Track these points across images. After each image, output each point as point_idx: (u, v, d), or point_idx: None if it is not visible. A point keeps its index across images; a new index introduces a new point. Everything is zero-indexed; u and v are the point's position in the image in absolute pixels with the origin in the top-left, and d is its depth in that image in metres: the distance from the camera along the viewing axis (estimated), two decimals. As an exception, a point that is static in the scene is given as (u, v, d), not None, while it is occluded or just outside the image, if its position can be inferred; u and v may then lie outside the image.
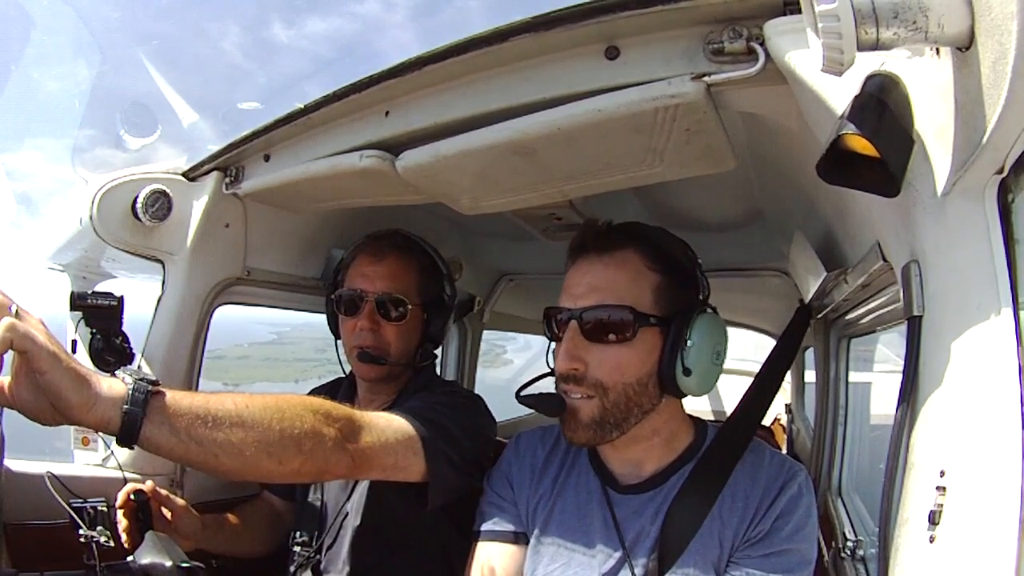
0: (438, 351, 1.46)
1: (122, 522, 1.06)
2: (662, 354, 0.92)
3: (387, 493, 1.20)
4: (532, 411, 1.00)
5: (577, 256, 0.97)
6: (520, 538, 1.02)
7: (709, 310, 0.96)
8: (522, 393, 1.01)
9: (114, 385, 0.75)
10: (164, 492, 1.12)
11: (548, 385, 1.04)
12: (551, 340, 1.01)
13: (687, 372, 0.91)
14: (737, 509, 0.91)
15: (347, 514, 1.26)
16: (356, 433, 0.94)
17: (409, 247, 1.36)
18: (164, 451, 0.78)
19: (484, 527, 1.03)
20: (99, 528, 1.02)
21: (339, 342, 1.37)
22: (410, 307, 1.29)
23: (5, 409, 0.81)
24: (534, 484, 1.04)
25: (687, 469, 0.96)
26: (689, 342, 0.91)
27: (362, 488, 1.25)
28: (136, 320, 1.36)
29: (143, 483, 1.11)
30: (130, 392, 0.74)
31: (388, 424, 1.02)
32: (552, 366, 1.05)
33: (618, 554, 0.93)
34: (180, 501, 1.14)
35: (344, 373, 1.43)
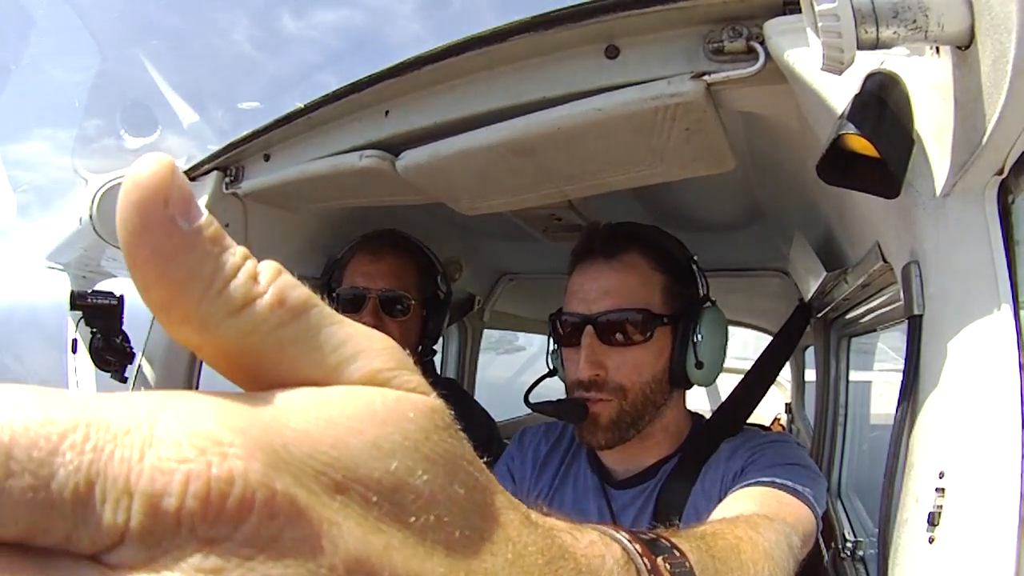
0: (437, 347, 1.47)
1: None
2: (673, 350, 0.93)
3: None
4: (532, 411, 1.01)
5: (583, 260, 0.98)
6: None
7: (710, 304, 0.98)
8: (530, 397, 1.02)
9: None
10: None
11: (550, 385, 1.04)
12: (559, 344, 1.01)
13: (699, 365, 0.93)
14: (718, 476, 0.92)
15: None
16: None
17: (406, 245, 1.37)
18: None
19: None
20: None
21: None
22: (412, 304, 1.30)
23: None
24: (535, 478, 1.05)
25: (678, 456, 0.97)
26: (699, 336, 0.93)
27: None
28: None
29: None
30: None
31: None
32: (552, 366, 1.06)
33: None
34: None
35: None
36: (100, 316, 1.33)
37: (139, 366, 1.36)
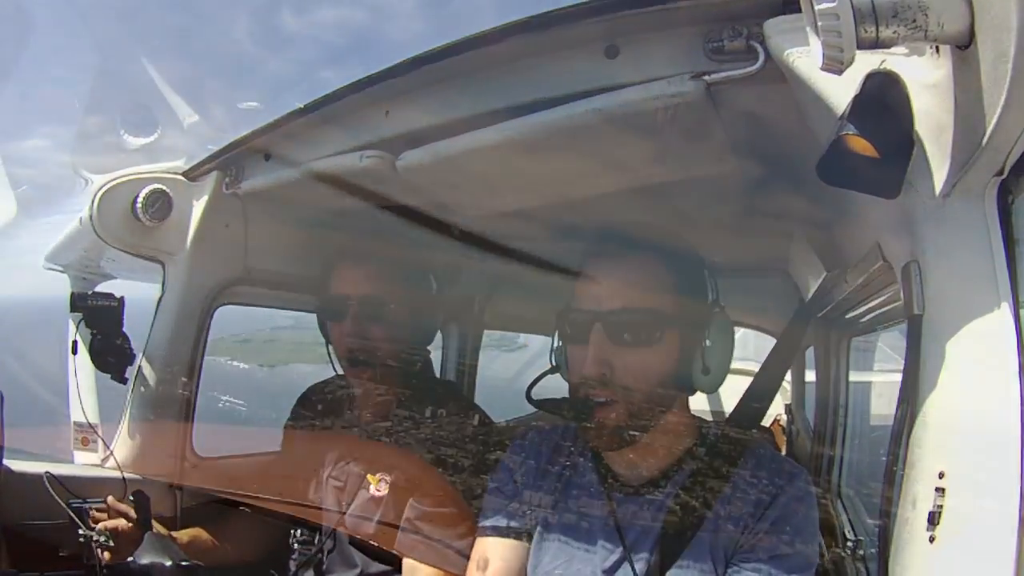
0: (431, 347, 1.47)
1: (119, 522, 1.05)
2: (681, 355, 0.93)
3: (388, 506, 1.21)
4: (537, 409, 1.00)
5: (596, 259, 0.97)
6: (522, 535, 1.02)
7: (719, 310, 0.97)
8: (531, 392, 1.02)
9: None
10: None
11: (552, 383, 1.04)
12: (565, 341, 1.01)
13: (706, 371, 0.93)
14: (736, 508, 0.91)
15: (348, 519, 1.26)
16: None
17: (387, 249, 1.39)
18: None
19: (486, 523, 1.04)
20: (99, 528, 1.02)
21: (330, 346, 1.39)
22: (392, 307, 1.31)
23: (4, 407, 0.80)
24: (538, 481, 1.04)
25: (688, 469, 0.96)
26: (708, 342, 0.92)
27: (363, 498, 1.26)
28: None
29: (142, 483, 1.11)
30: None
31: None
32: (555, 363, 1.06)
33: (619, 551, 0.93)
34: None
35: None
36: (101, 318, 1.33)
37: (139, 367, 1.36)
